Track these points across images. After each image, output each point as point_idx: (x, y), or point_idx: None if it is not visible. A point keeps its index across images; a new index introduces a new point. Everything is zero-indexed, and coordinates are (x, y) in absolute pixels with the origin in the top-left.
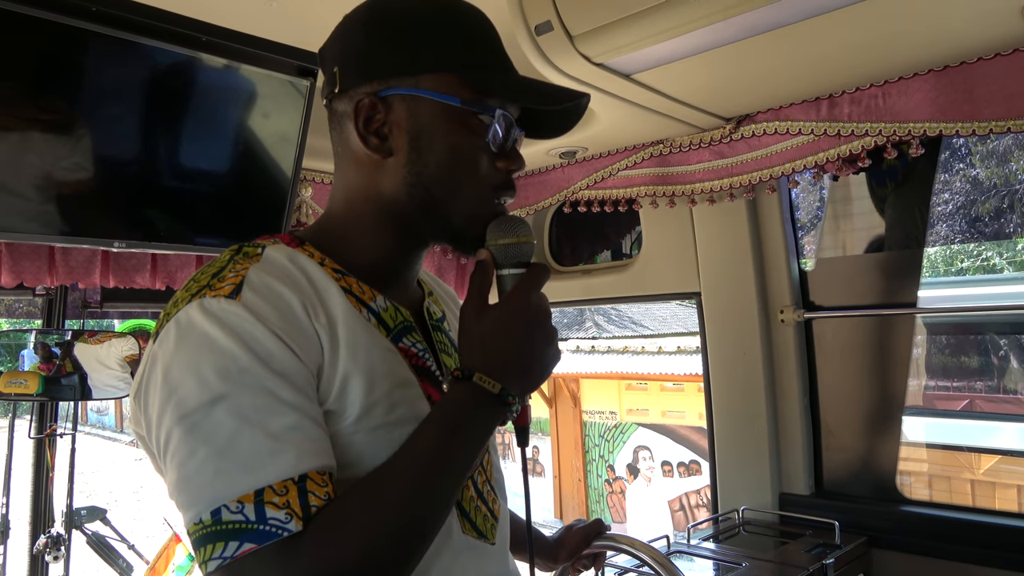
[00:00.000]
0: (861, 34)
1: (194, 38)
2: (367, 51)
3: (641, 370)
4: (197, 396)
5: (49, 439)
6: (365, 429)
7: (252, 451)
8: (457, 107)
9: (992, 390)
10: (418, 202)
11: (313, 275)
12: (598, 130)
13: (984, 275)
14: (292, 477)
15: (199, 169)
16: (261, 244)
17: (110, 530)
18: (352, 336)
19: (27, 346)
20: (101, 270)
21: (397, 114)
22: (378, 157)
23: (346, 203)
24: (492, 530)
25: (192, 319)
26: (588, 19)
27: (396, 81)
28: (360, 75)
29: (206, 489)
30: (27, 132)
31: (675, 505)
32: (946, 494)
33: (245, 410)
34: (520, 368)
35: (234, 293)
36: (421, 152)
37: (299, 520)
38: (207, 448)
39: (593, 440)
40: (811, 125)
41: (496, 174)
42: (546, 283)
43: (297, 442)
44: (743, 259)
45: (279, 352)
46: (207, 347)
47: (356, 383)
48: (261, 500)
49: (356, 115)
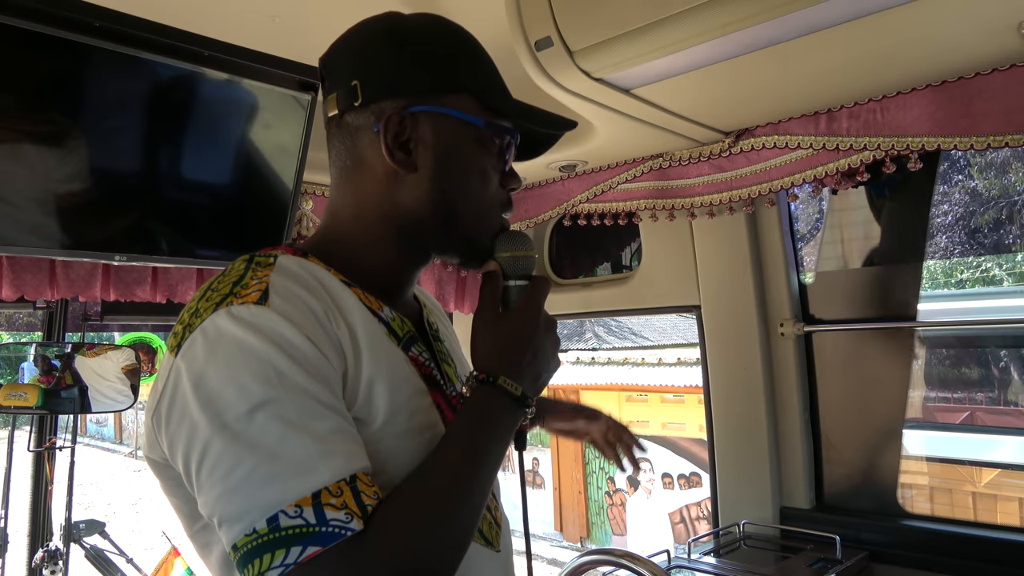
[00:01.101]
0: (859, 50)
1: (197, 53)
2: (395, 67)
3: (641, 382)
4: (237, 404)
5: (48, 452)
6: (390, 435)
7: (302, 454)
8: (481, 127)
9: (993, 402)
10: (442, 217)
11: (327, 283)
12: (598, 144)
13: (984, 288)
14: (344, 478)
15: (201, 182)
16: (272, 253)
17: (109, 544)
18: (372, 342)
19: (27, 359)
20: (102, 283)
21: (423, 130)
22: (401, 171)
23: (356, 216)
24: (496, 537)
25: (221, 327)
26: (588, 35)
27: (424, 98)
28: (388, 90)
29: (259, 496)
30: (29, 145)
31: (675, 517)
32: (947, 508)
33: (289, 414)
34: (535, 372)
35: (263, 299)
36: (447, 168)
37: (360, 519)
38: (255, 456)
39: (593, 452)
40: (810, 139)
41: (502, 192)
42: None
43: (343, 444)
44: (743, 272)
45: (314, 356)
46: (243, 353)
47: (381, 389)
48: (319, 502)
49: (386, 129)
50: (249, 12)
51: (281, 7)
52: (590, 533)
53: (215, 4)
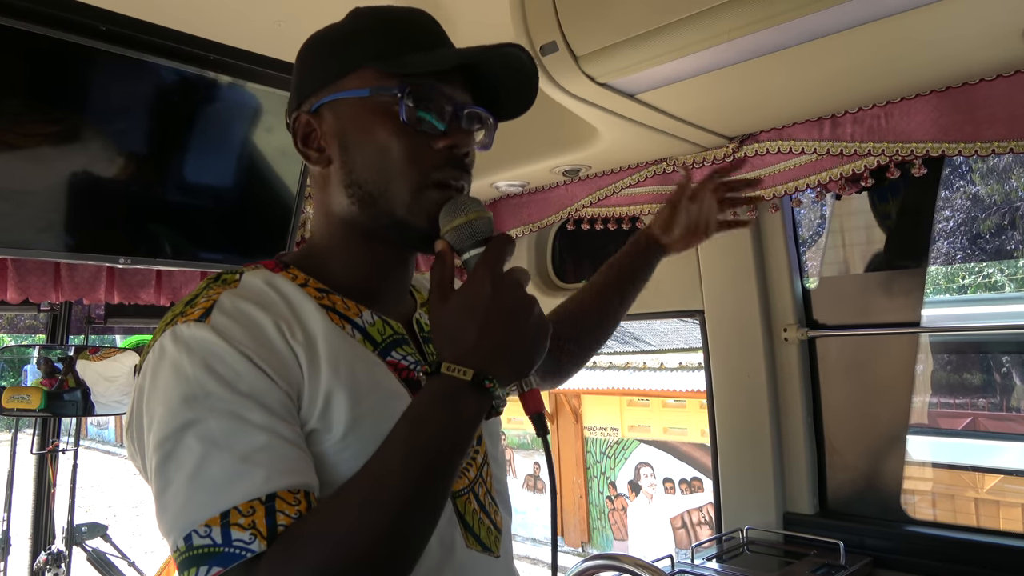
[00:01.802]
0: (863, 56)
1: (202, 57)
2: (299, 78)
3: (643, 386)
4: (168, 424)
5: (51, 455)
6: (355, 444)
7: (220, 474)
8: (368, 96)
9: (995, 408)
10: (359, 203)
11: (290, 295)
12: (602, 148)
13: (987, 294)
14: (259, 497)
15: (205, 185)
16: (240, 271)
17: (110, 547)
18: (333, 352)
19: (30, 361)
20: (106, 286)
21: (327, 123)
22: (322, 169)
23: (319, 225)
24: (496, 542)
25: (164, 347)
26: (593, 40)
27: (321, 93)
28: (296, 100)
29: (179, 516)
30: (35, 149)
31: (677, 523)
32: (950, 513)
33: (213, 434)
34: (495, 348)
35: (203, 316)
36: (348, 151)
37: (263, 540)
38: (179, 475)
39: (595, 457)
40: (814, 145)
41: (433, 155)
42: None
43: (267, 462)
44: (746, 277)
45: (247, 373)
46: (175, 373)
47: (340, 398)
48: (227, 522)
49: (294, 135)
50: (254, 17)
51: (286, 12)
52: (591, 538)
53: (221, 9)
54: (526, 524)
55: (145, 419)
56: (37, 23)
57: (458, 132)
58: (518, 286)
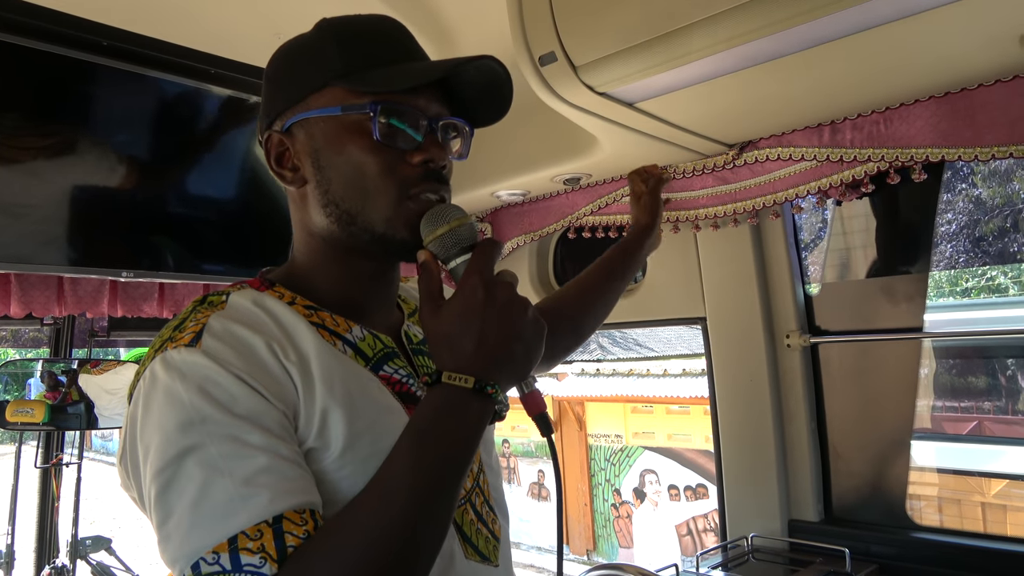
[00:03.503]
0: (861, 63)
1: (203, 70)
2: (268, 96)
3: (647, 393)
4: (165, 453)
5: (55, 468)
6: (355, 461)
7: (224, 499)
8: (339, 115)
9: (1000, 412)
10: (337, 220)
11: (280, 315)
12: (602, 157)
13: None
14: (266, 519)
15: (206, 197)
16: (226, 292)
17: (115, 560)
18: (326, 370)
19: (33, 375)
20: (109, 299)
21: (299, 143)
22: (299, 189)
23: (299, 243)
24: (494, 552)
25: (156, 374)
26: (591, 50)
27: (290, 112)
28: (267, 119)
29: (185, 544)
30: (37, 163)
31: (682, 530)
32: (957, 519)
33: (213, 459)
34: (493, 353)
35: (194, 341)
36: (323, 170)
37: (273, 563)
38: (181, 503)
39: (599, 464)
40: (814, 151)
41: (409, 169)
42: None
43: (270, 484)
44: (748, 284)
45: (243, 395)
46: (169, 400)
47: (336, 416)
48: (236, 547)
49: (267, 155)
50: (254, 30)
51: (285, 25)
52: (597, 546)
53: (221, 22)
54: (531, 533)
55: (140, 448)
56: (41, 40)
57: (433, 146)
58: (510, 289)
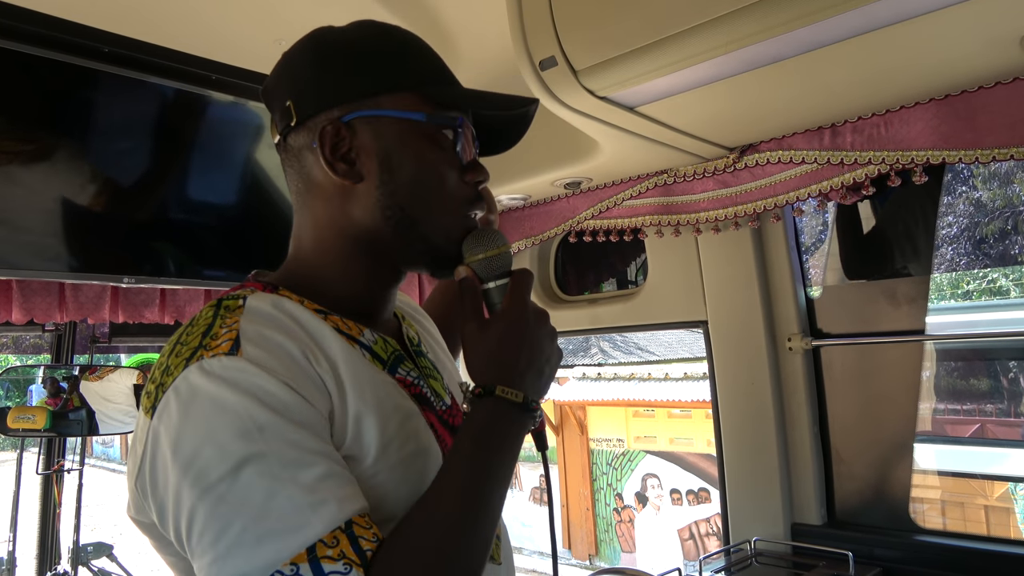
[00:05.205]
0: (861, 66)
1: (204, 76)
2: (322, 80)
3: (648, 397)
4: (219, 465)
5: (56, 475)
6: (385, 468)
7: (292, 509)
8: (423, 122)
9: (1003, 414)
10: (395, 224)
11: (303, 320)
12: (602, 161)
13: (992, 300)
14: (339, 525)
15: (207, 203)
16: (239, 295)
17: (116, 566)
18: (355, 375)
19: (35, 381)
20: (111, 305)
21: (362, 138)
22: (347, 184)
23: (316, 240)
24: (497, 550)
25: (194, 384)
26: (592, 54)
27: (357, 104)
28: (319, 104)
29: (252, 559)
30: (38, 169)
31: (684, 534)
32: (960, 521)
33: (274, 468)
34: (534, 373)
35: (234, 349)
36: (392, 172)
37: (359, 568)
38: (243, 517)
39: (601, 468)
40: (814, 154)
41: (465, 188)
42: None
43: (334, 489)
44: (749, 287)
45: (294, 402)
46: (219, 410)
47: (369, 423)
48: (315, 556)
49: (322, 143)
50: (255, 36)
51: (286, 30)
52: (599, 550)
53: (222, 29)
54: (532, 538)
55: (175, 464)
56: (42, 47)
57: (481, 168)
58: (547, 318)
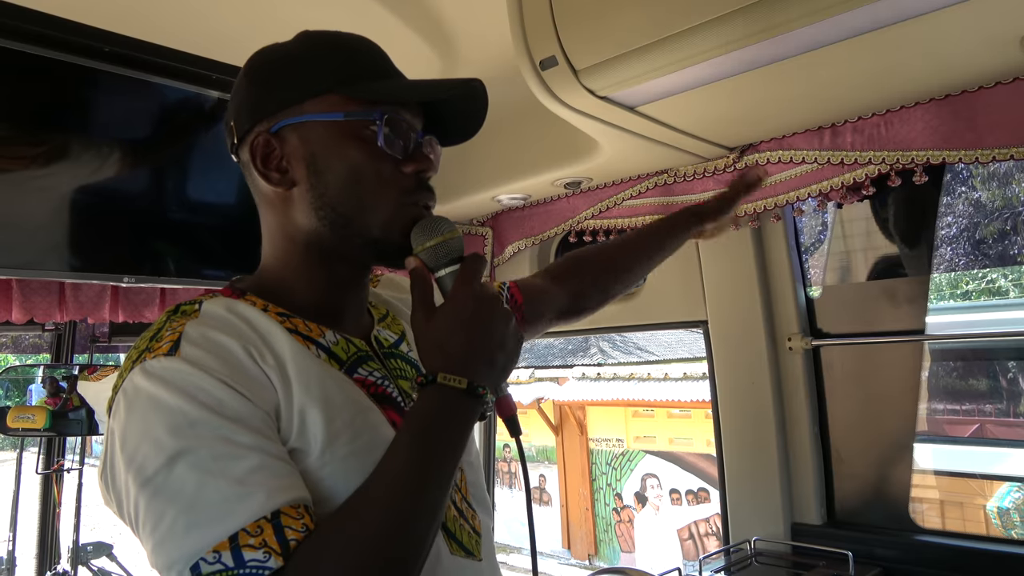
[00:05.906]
0: (861, 66)
1: (205, 76)
2: (253, 95)
3: (647, 397)
4: (155, 459)
5: (56, 474)
6: (333, 460)
7: (220, 499)
8: (342, 120)
9: (1002, 414)
10: (330, 224)
11: (254, 320)
12: (602, 161)
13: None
14: (265, 515)
15: (207, 203)
16: (199, 300)
17: (116, 566)
18: (303, 371)
19: (34, 381)
20: (111, 305)
21: (291, 145)
22: (284, 191)
23: (273, 248)
24: (477, 546)
25: (137, 385)
26: (592, 54)
27: (283, 114)
28: (252, 118)
29: (181, 547)
30: (38, 169)
31: (684, 534)
32: (959, 521)
33: (205, 462)
34: (482, 358)
35: (173, 350)
36: (320, 174)
37: (278, 556)
38: (175, 507)
39: (600, 468)
40: (814, 154)
41: (403, 179)
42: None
43: (264, 481)
44: (749, 287)
45: (228, 398)
46: (154, 408)
47: (314, 415)
48: (237, 545)
49: (252, 155)
50: (255, 36)
51: (286, 30)
52: (598, 550)
53: (222, 29)
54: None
55: (122, 459)
56: (41, 46)
57: (423, 158)
58: (497, 301)
